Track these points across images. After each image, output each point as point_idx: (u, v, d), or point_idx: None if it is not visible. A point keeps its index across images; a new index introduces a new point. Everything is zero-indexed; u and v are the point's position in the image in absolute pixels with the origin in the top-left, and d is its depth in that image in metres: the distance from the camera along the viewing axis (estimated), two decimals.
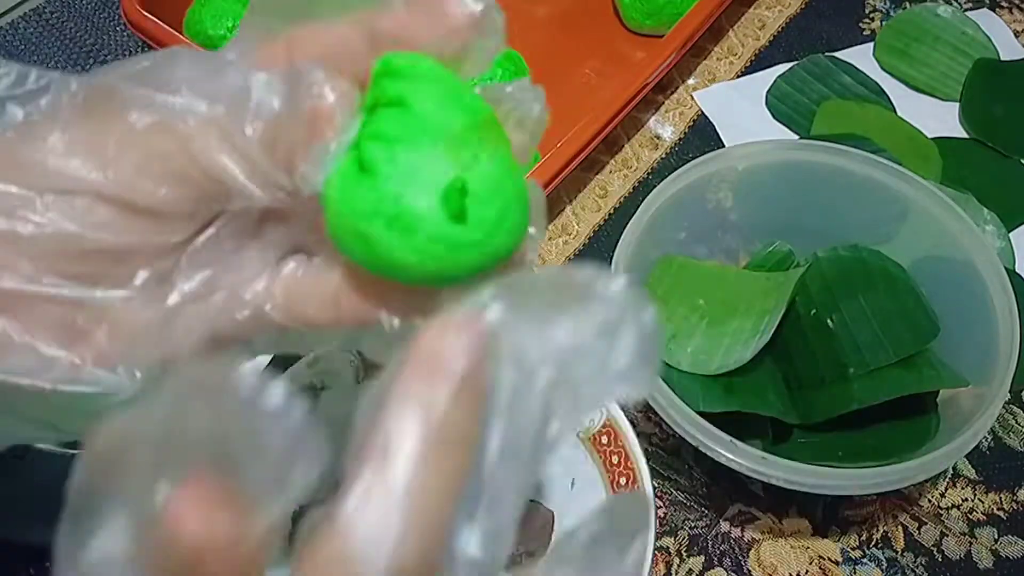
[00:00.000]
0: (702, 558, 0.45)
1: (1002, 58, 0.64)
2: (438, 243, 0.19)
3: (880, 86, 0.62)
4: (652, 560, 0.39)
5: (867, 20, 0.67)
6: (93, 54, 0.63)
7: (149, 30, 0.57)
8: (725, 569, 0.45)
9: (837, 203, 0.50)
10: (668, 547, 0.46)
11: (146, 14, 0.56)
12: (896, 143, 0.58)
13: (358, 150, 0.19)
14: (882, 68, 0.62)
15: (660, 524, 0.46)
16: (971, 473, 0.48)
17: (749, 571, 0.45)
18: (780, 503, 0.47)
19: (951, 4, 0.67)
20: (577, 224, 0.57)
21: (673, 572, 0.45)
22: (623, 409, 0.42)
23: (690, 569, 0.45)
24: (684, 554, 0.45)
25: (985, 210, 0.55)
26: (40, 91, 0.20)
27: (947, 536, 0.46)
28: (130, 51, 0.64)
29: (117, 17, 0.65)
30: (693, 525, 0.46)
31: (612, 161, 0.59)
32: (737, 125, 0.61)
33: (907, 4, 0.67)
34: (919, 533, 0.46)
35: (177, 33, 0.57)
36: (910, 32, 0.63)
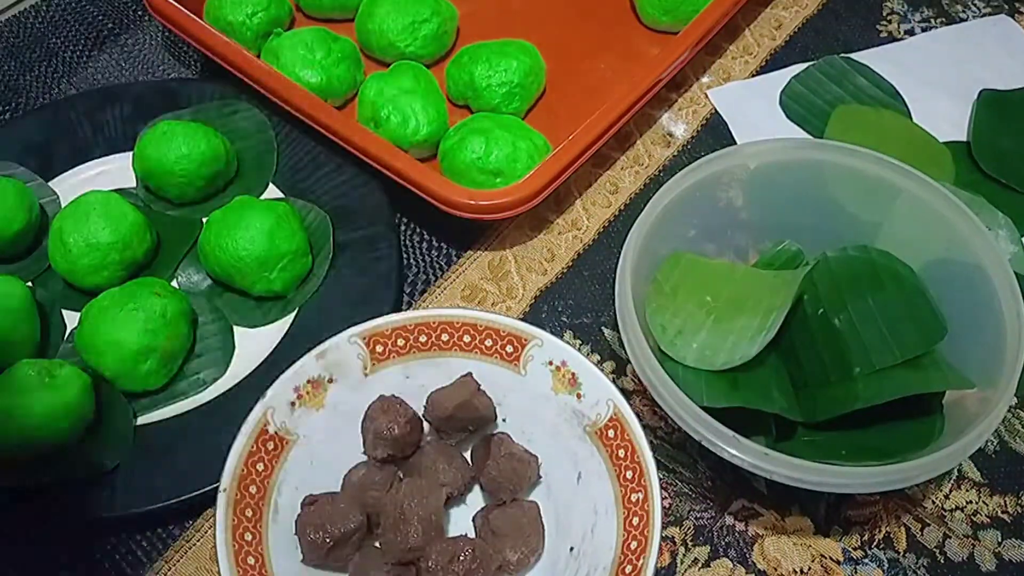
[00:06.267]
0: (707, 548, 0.46)
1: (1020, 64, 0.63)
2: None
3: (895, 88, 0.62)
4: (658, 549, 0.39)
5: (884, 22, 0.66)
6: (113, 38, 0.64)
7: (169, 15, 0.57)
8: (730, 560, 0.45)
9: (848, 203, 0.50)
10: (673, 537, 0.46)
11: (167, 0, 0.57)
12: (910, 150, 0.57)
13: None
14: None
15: (665, 514, 0.46)
16: (976, 476, 0.48)
17: (754, 563, 0.45)
18: (783, 500, 0.47)
19: (970, 9, 0.67)
20: (587, 219, 0.57)
21: (679, 561, 0.45)
22: (629, 403, 0.43)
23: (696, 559, 0.45)
24: (690, 543, 0.46)
25: (1000, 215, 0.55)
26: None
27: (950, 538, 0.46)
28: (150, 36, 0.64)
29: (138, 2, 0.65)
30: (698, 516, 0.46)
31: (623, 157, 0.60)
32: (750, 124, 0.61)
33: (924, 8, 0.67)
34: (922, 534, 0.46)
35: (198, 19, 0.57)
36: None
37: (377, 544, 0.42)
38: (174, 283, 0.52)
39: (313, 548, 0.40)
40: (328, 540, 0.40)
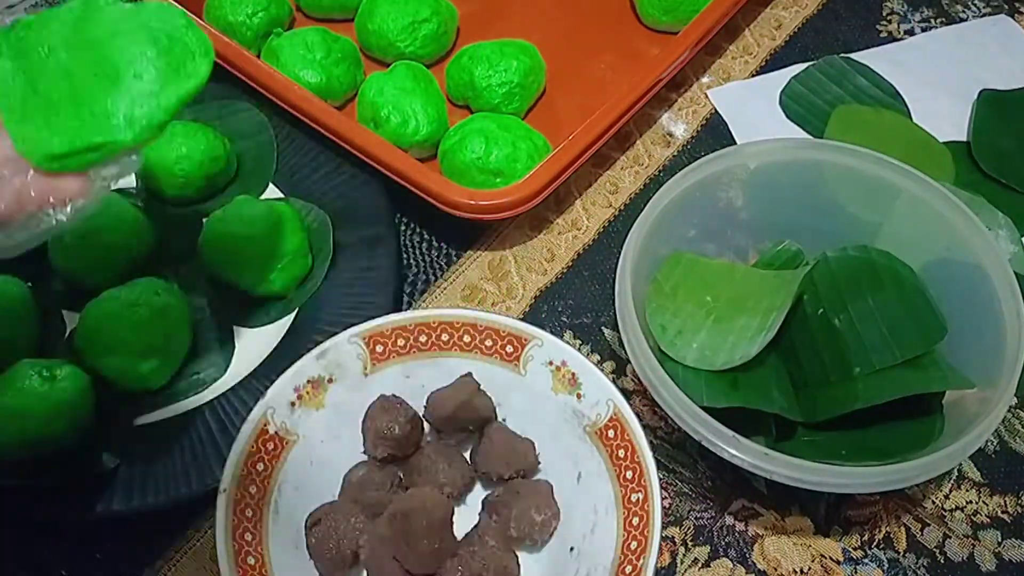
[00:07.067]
0: (707, 548, 0.46)
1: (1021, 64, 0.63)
2: None
3: (895, 88, 0.62)
4: (658, 549, 0.39)
5: (884, 22, 0.66)
6: None
7: None
8: (730, 560, 0.45)
9: (848, 203, 0.50)
10: (673, 537, 0.46)
11: None
12: (910, 150, 0.57)
13: None
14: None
15: (665, 514, 0.46)
16: (976, 476, 0.48)
17: (754, 563, 0.45)
18: (783, 500, 0.47)
19: (970, 9, 0.67)
20: (587, 219, 0.57)
21: (679, 561, 0.45)
22: (629, 403, 0.43)
23: (696, 559, 0.45)
24: (690, 543, 0.46)
25: (1000, 215, 0.55)
26: None
27: (950, 538, 0.46)
28: None
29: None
30: (698, 516, 0.46)
31: (623, 157, 0.60)
32: (750, 124, 0.61)
33: (924, 8, 0.67)
34: (922, 534, 0.46)
35: (198, 19, 0.57)
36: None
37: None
38: (174, 283, 0.52)
39: (334, 567, 0.41)
40: (347, 558, 0.41)
